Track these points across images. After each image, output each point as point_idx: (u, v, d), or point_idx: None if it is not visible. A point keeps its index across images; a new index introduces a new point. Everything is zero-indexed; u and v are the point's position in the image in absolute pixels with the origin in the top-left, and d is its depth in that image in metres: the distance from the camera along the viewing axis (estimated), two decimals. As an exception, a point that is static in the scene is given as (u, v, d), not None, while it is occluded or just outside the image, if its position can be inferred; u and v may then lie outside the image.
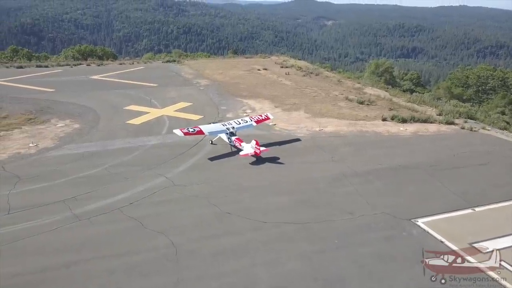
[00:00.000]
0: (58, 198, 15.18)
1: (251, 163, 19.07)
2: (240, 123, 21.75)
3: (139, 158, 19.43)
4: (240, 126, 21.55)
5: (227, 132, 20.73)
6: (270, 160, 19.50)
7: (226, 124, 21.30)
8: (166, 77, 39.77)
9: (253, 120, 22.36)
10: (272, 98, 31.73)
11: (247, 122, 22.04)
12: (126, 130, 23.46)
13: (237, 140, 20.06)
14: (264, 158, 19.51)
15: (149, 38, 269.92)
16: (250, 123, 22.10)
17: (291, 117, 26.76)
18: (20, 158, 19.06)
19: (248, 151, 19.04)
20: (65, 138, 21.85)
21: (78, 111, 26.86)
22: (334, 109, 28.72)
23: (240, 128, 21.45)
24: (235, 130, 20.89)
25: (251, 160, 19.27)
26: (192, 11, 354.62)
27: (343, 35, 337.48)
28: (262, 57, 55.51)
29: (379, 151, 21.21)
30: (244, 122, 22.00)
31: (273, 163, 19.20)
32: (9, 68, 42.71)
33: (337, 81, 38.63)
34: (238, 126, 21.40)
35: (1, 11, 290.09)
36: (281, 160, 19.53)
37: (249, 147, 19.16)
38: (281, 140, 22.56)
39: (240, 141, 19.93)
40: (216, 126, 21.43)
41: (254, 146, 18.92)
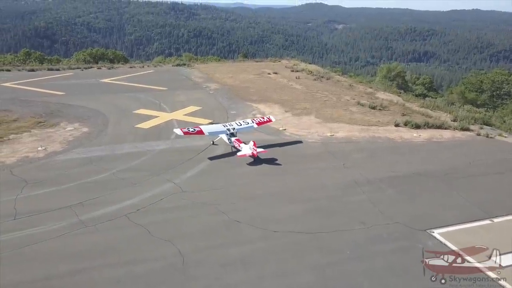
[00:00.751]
0: (65, 203, 14.98)
1: (261, 169, 18.72)
2: (241, 124, 21.93)
3: (147, 163, 19.18)
4: (241, 128, 21.69)
5: (227, 133, 20.88)
6: (281, 166, 19.12)
7: (227, 125, 21.46)
8: (176, 80, 39.64)
9: (254, 122, 22.58)
10: (282, 102, 31.34)
11: (248, 124, 22.22)
12: (135, 134, 23.27)
13: (237, 141, 20.30)
14: (276, 164, 19.21)
15: (160, 41, 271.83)
16: (251, 124, 22.31)
17: (302, 122, 26.33)
18: (28, 162, 18.94)
19: (245, 152, 19.25)
20: (74, 142, 21.71)
21: (88, 115, 26.77)
22: (346, 114, 28.22)
23: (240, 129, 21.59)
24: (235, 131, 21.05)
25: (261, 167, 18.92)
26: (203, 15, 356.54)
27: (353, 39, 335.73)
28: (273, 61, 55.10)
29: (392, 158, 20.67)
30: (245, 123, 22.19)
31: (284, 169, 18.81)
32: (21, 71, 43.00)
33: (348, 86, 38.10)
34: (239, 127, 21.54)
35: (15, 15, 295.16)
36: (292, 166, 19.13)
37: (247, 148, 19.38)
38: (282, 142, 22.62)
39: (239, 142, 20.15)
40: (216, 127, 21.68)
41: (252, 147, 19.14)
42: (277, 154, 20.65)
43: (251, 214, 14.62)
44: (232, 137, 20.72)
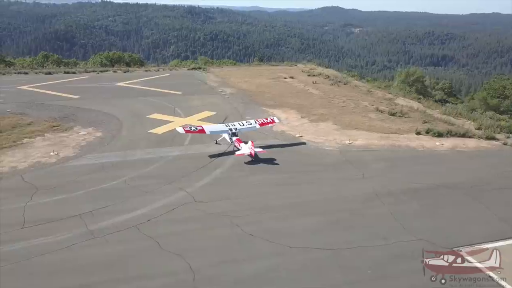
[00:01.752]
0: (75, 212, 14.56)
1: (276, 178, 18.03)
2: (244, 124, 22.42)
3: (160, 170, 18.69)
4: (244, 128, 22.22)
5: (229, 132, 21.38)
6: (297, 175, 18.41)
7: (229, 125, 21.87)
8: (191, 85, 39.29)
9: (257, 123, 22.94)
10: (298, 108, 30.61)
11: (251, 124, 22.68)
12: (148, 140, 22.85)
13: (237, 140, 20.83)
14: (292, 172, 18.54)
15: (177, 44, 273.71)
16: (254, 125, 22.73)
17: (319, 129, 25.56)
18: (40, 168, 18.66)
19: (244, 151, 19.72)
20: (86, 147, 21.40)
21: (101, 119, 26.52)
22: (364, 121, 27.32)
23: (243, 129, 22.14)
24: (237, 131, 21.55)
25: (276, 176, 18.27)
26: (219, 18, 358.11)
27: (370, 43, 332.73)
28: (289, 65, 54.42)
29: (414, 168, 19.74)
30: (248, 124, 22.64)
31: (300, 179, 18.08)
32: (38, 74, 43.28)
33: (366, 91, 37.13)
34: (241, 128, 22.06)
35: (37, 18, 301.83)
36: (309, 175, 18.40)
37: (246, 148, 19.84)
38: (285, 143, 22.88)
39: (239, 141, 20.69)
40: (218, 126, 22.13)
41: (250, 146, 19.72)
42: (293, 162, 19.99)
43: (266, 227, 13.95)
44: (234, 136, 21.18)
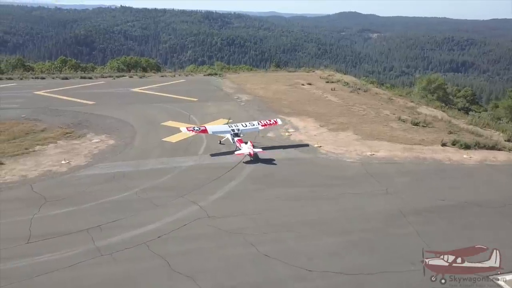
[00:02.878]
0: (82, 226, 13.91)
1: (294, 193, 17.08)
2: (246, 125, 23.14)
3: (172, 181, 17.96)
4: (246, 129, 22.96)
5: (232, 133, 22.13)
6: (316, 189, 17.42)
7: (232, 126, 22.68)
8: (206, 91, 38.67)
9: (260, 124, 23.58)
10: (317, 116, 29.61)
11: (253, 126, 23.36)
12: (162, 149, 22.20)
13: (239, 141, 21.42)
14: (310, 186, 17.58)
15: (194, 49, 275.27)
16: (257, 126, 23.43)
17: (339, 139, 24.51)
18: (50, 177, 18.14)
19: (244, 151, 20.36)
20: (98, 156, 20.85)
21: (115, 126, 26.02)
22: (386, 131, 26.16)
23: (245, 130, 22.86)
24: (239, 132, 22.29)
25: (294, 190, 17.33)
26: (236, 23, 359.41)
27: (388, 48, 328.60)
28: (306, 71, 53.37)
29: (440, 183, 18.55)
30: (251, 125, 23.33)
31: (320, 193, 17.08)
32: (55, 79, 43.33)
33: (387, 99, 35.84)
34: (244, 129, 22.81)
35: (58, 23, 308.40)
36: (329, 190, 17.40)
37: (246, 148, 20.48)
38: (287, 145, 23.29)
39: (240, 142, 21.31)
40: (221, 127, 23.21)
41: (249, 146, 20.42)
42: (312, 175, 19.03)
43: (282, 247, 13.02)
44: (236, 137, 21.81)
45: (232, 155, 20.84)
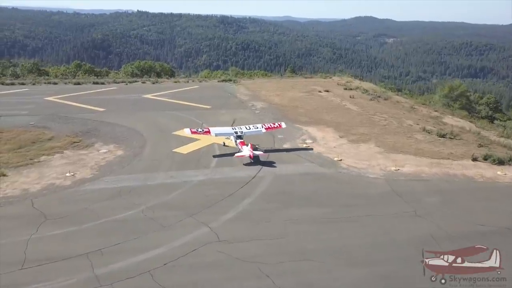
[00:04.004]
0: (82, 249, 12.72)
1: (314, 214, 15.61)
2: (250, 128, 23.35)
3: (182, 198, 16.68)
4: (249, 131, 23.07)
5: (234, 135, 22.30)
6: (338, 209, 15.92)
7: (235, 128, 22.81)
8: (220, 98, 37.49)
9: (264, 127, 23.71)
10: (336, 125, 28.09)
11: (257, 128, 23.51)
12: (172, 161, 20.98)
13: (241, 143, 21.47)
14: (331, 206, 16.09)
15: (209, 53, 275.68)
16: (260, 129, 23.52)
17: (360, 152, 22.94)
18: (52, 191, 17.07)
19: (244, 153, 20.52)
20: (105, 168, 19.73)
21: (124, 135, 24.98)
22: (411, 143, 24.48)
23: (248, 132, 22.94)
24: (242, 134, 22.37)
25: (314, 210, 15.86)
26: (251, 28, 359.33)
27: (404, 53, 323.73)
28: (323, 77, 51.82)
29: (475, 204, 16.85)
30: (254, 128, 23.50)
31: (342, 215, 15.57)
32: (67, 84, 42.80)
33: (409, 108, 34.07)
34: (247, 131, 22.93)
35: (76, 28, 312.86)
36: (352, 210, 15.87)
37: (246, 150, 20.65)
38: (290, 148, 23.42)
39: (242, 144, 21.36)
40: (224, 129, 23.28)
41: (249, 149, 20.56)
42: (333, 193, 17.54)
43: (301, 280, 11.59)
44: (239, 139, 21.89)
45: (244, 169, 19.58)
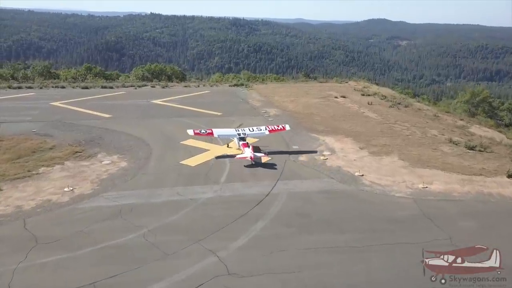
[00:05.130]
0: (73, 283, 11.19)
1: (336, 241, 13.85)
2: (253, 130, 23.49)
3: (188, 220, 15.08)
4: (253, 133, 23.23)
5: (237, 136, 22.32)
6: (363, 236, 14.12)
7: (238, 130, 23.01)
8: (231, 104, 35.94)
9: (267, 129, 23.81)
10: (355, 135, 26.28)
11: (260, 130, 23.66)
12: (178, 174, 19.42)
13: (243, 145, 21.50)
14: (354, 232, 14.31)
15: (221, 56, 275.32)
16: (264, 131, 23.63)
17: (383, 165, 21.09)
18: (48, 209, 15.63)
19: (246, 155, 20.58)
20: (107, 182, 18.25)
21: (130, 145, 23.55)
22: (437, 156, 22.55)
23: (252, 134, 23.19)
24: (245, 136, 22.42)
25: (337, 237, 14.10)
26: (264, 30, 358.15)
27: (418, 56, 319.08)
28: (338, 81, 49.95)
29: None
30: (258, 130, 23.65)
31: (368, 244, 13.76)
32: (75, 88, 41.73)
33: (433, 116, 32.04)
34: (250, 133, 23.08)
35: (90, 30, 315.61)
36: (378, 237, 14.06)
37: (248, 152, 20.69)
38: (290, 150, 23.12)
39: (245, 146, 21.37)
40: (227, 130, 23.68)
41: (250, 150, 20.69)
42: (356, 216, 15.75)
43: (326, 328, 9.87)
44: (241, 141, 21.89)
45: (260, 185, 17.98)
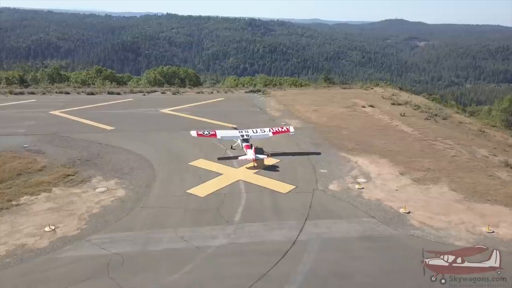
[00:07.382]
0: None
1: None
2: (257, 132, 23.05)
3: (191, 281, 11.67)
4: (256, 135, 22.82)
5: (241, 138, 22.10)
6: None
7: (242, 131, 22.71)
8: (248, 114, 32.48)
9: (271, 131, 23.41)
10: (391, 156, 22.54)
11: (264, 132, 23.25)
12: (184, 209, 16.01)
13: (246, 146, 21.30)
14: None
15: (236, 56, 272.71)
16: (267, 133, 23.25)
17: (432, 198, 17.31)
18: (19, 259, 12.48)
19: (248, 157, 20.38)
20: (96, 219, 15.00)
21: (131, 166, 20.34)
22: (496, 186, 18.66)
23: (255, 136, 22.74)
24: (249, 137, 22.11)
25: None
26: (279, 31, 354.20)
27: (436, 57, 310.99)
28: (363, 88, 45.94)
29: None
30: (261, 132, 23.25)
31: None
32: (80, 94, 38.87)
33: (478, 131, 27.93)
34: (254, 135, 22.65)
35: (107, 30, 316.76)
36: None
37: (250, 153, 20.49)
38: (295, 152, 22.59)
39: (247, 147, 21.17)
40: (230, 132, 23.64)
41: (252, 152, 20.47)
42: (409, 275, 12.08)
43: None
44: (245, 142, 21.65)
45: (284, 227, 14.51)
